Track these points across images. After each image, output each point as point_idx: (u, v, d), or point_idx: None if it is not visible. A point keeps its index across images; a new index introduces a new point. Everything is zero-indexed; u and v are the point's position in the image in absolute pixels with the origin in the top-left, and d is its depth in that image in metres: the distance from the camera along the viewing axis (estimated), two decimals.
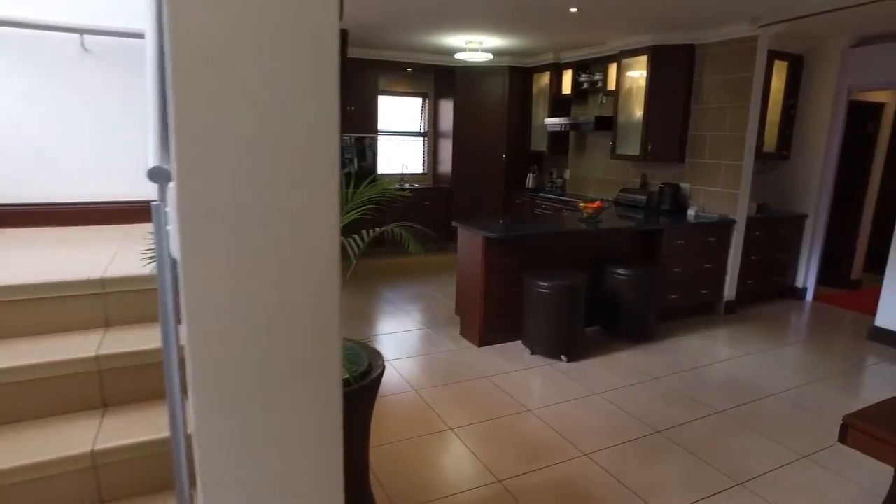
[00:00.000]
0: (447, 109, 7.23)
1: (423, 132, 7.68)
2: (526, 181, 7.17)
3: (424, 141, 7.71)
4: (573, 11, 4.36)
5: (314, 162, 1.02)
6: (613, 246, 4.58)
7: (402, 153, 7.58)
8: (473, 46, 5.91)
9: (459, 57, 6.08)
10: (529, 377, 3.61)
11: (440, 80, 7.34)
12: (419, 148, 7.73)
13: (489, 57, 6.00)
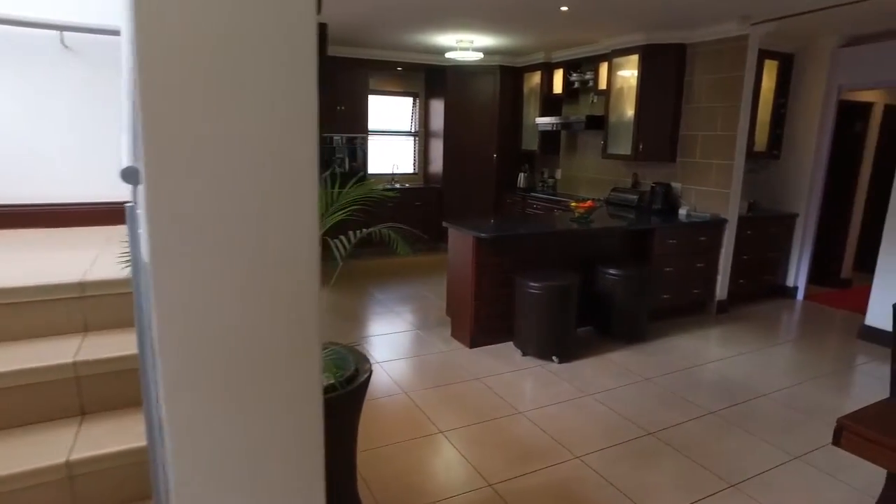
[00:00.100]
0: (438, 109, 7.19)
1: (413, 132, 7.63)
2: (517, 181, 7.14)
3: (415, 141, 7.66)
4: (564, 10, 4.34)
5: (291, 161, 0.98)
6: (605, 246, 4.56)
7: (392, 153, 7.52)
8: (464, 45, 5.87)
9: (450, 56, 6.04)
10: (521, 379, 3.58)
11: (431, 79, 7.30)
12: (410, 148, 7.68)
13: (480, 56, 5.97)
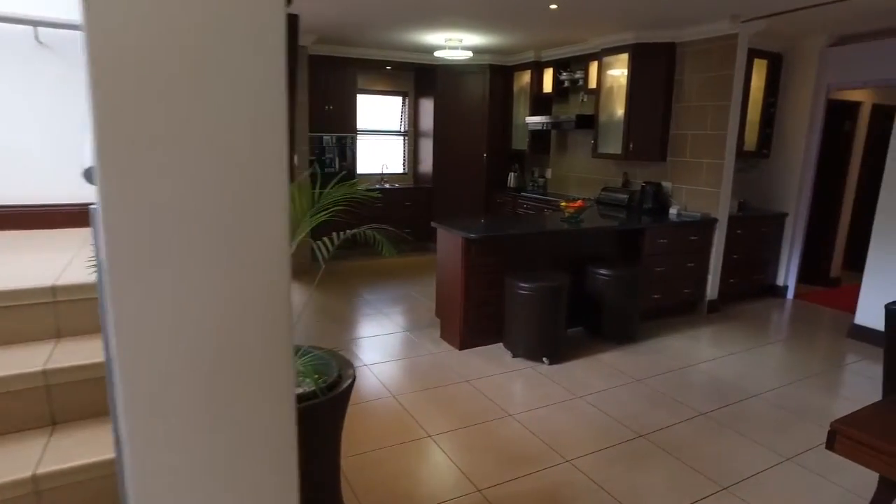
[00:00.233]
0: (427, 108, 7.13)
1: (403, 131, 7.57)
2: (507, 181, 7.10)
3: (405, 140, 7.60)
4: (553, 8, 4.30)
5: (258, 158, 0.92)
6: (595, 246, 4.53)
7: (382, 153, 7.45)
8: (453, 44, 5.82)
9: (439, 55, 5.98)
10: (511, 381, 3.54)
11: (420, 78, 7.24)
12: (399, 147, 7.62)
13: (469, 55, 5.92)
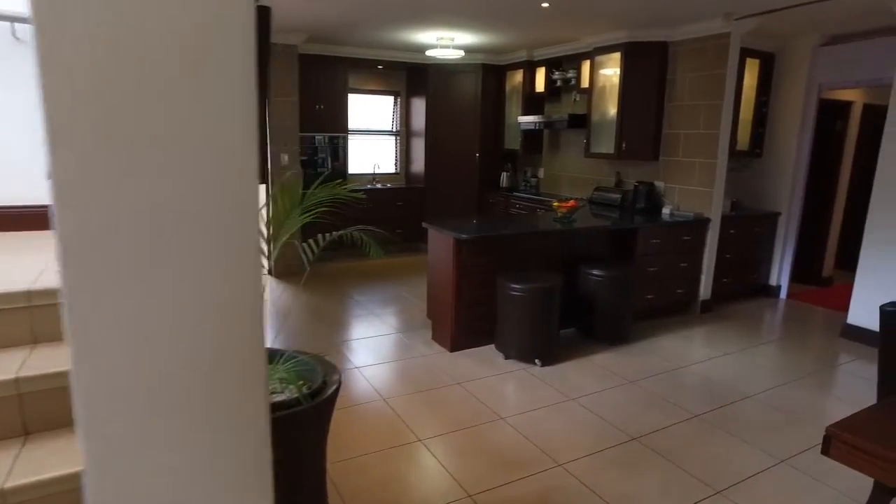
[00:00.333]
0: (419, 108, 7.08)
1: (395, 131, 7.52)
2: (500, 180, 7.06)
3: (397, 140, 7.55)
4: (545, 6, 4.26)
5: (219, 158, 0.87)
6: (588, 246, 4.50)
7: (373, 153, 7.40)
8: (445, 43, 5.77)
9: (431, 54, 5.94)
10: (503, 383, 3.50)
11: (412, 77, 7.19)
12: (391, 147, 7.56)
13: (461, 54, 5.88)
